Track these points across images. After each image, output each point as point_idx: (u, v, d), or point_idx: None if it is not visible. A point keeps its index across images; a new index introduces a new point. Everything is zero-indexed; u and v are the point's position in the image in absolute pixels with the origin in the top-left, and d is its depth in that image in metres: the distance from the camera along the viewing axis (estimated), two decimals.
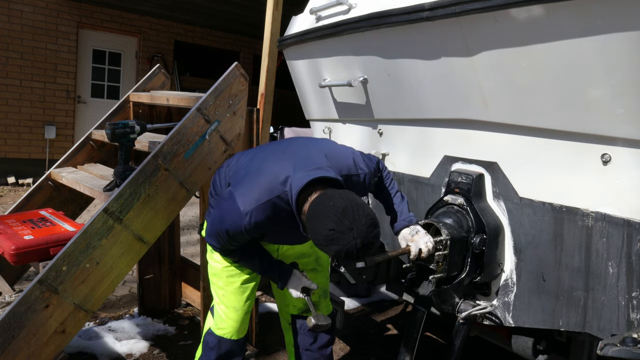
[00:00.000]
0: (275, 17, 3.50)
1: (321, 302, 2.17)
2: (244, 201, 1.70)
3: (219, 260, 2.03)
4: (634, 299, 1.57)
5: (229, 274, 2.03)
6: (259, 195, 1.70)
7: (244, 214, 1.69)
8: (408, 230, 1.96)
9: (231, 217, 1.72)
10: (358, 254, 1.54)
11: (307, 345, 2.16)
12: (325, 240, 1.54)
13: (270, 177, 1.73)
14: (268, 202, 1.69)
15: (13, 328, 1.94)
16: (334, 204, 1.54)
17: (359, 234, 1.52)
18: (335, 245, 1.53)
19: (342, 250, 1.53)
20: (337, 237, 1.51)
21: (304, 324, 2.15)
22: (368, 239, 1.54)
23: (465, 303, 2.05)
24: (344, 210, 1.53)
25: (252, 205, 1.69)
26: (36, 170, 7.61)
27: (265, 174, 1.76)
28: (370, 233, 1.54)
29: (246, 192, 1.73)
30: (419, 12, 1.90)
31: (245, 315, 2.07)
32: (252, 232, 1.75)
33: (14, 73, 7.49)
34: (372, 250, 1.60)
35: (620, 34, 1.43)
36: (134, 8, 8.28)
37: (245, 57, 10.23)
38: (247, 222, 1.70)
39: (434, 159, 2.28)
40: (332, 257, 1.70)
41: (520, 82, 1.77)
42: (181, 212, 2.90)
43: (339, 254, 1.55)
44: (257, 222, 1.70)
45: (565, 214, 1.75)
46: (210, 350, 2.05)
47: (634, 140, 1.56)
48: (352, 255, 1.54)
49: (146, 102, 3.10)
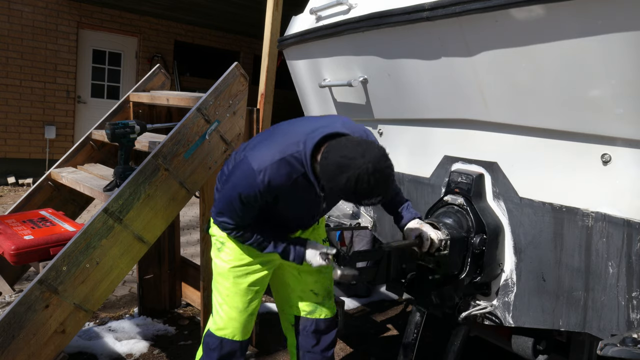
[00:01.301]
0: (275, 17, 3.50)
1: (325, 303, 2.14)
2: (258, 160, 1.72)
3: (226, 260, 1.99)
4: (634, 299, 1.57)
5: (236, 274, 1.99)
6: (272, 155, 1.72)
7: (258, 172, 1.69)
8: (415, 222, 1.97)
9: (245, 178, 1.73)
10: (369, 183, 1.51)
11: (309, 348, 2.13)
12: (337, 169, 1.53)
13: (284, 139, 1.76)
14: (282, 159, 1.70)
15: (13, 328, 1.94)
16: (347, 139, 1.59)
17: (371, 158, 1.51)
18: (346, 172, 1.51)
19: (353, 177, 1.50)
20: (348, 163, 1.51)
21: (307, 326, 2.12)
22: (380, 164, 1.53)
23: (465, 303, 2.05)
24: (357, 142, 1.57)
25: (266, 163, 1.70)
26: (36, 170, 7.61)
27: (279, 138, 1.79)
28: (382, 160, 1.54)
29: (260, 154, 1.75)
30: (419, 12, 1.90)
31: (249, 317, 2.04)
32: (265, 195, 1.73)
33: (14, 73, 7.49)
34: (385, 184, 1.55)
35: (620, 34, 1.43)
36: (134, 8, 8.27)
37: (245, 57, 10.23)
38: (261, 181, 1.69)
39: (434, 159, 2.28)
40: (342, 196, 1.62)
41: (520, 82, 1.77)
42: (181, 212, 2.90)
43: (349, 185, 1.51)
44: (270, 181, 1.70)
45: (565, 214, 1.75)
46: (212, 351, 2.02)
47: (634, 140, 1.56)
48: (364, 185, 1.51)
49: (146, 102, 3.10)
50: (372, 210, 2.70)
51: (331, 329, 2.16)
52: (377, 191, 1.55)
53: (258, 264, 2.00)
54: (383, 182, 1.55)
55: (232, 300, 2.00)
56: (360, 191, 1.54)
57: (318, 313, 2.12)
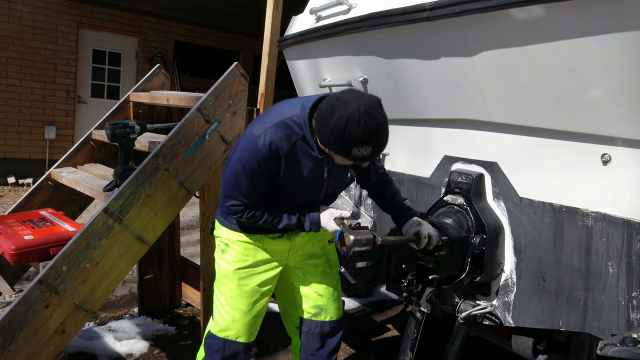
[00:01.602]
0: (275, 17, 3.49)
1: (330, 305, 2.09)
2: (258, 127, 1.76)
3: (230, 261, 1.97)
4: (634, 299, 1.57)
5: (240, 276, 1.96)
6: (271, 120, 1.77)
7: (258, 137, 1.72)
8: (413, 220, 1.97)
9: (246, 147, 1.75)
10: (359, 123, 1.52)
11: (312, 351, 2.09)
12: (329, 110, 1.57)
13: (282, 109, 1.82)
14: (281, 122, 1.74)
15: (13, 328, 1.94)
16: (343, 91, 1.64)
17: (364, 101, 1.55)
18: (338, 111, 1.54)
19: (344, 116, 1.53)
20: (340, 104, 1.55)
21: (311, 328, 2.08)
22: (373, 109, 1.55)
23: (465, 303, 2.05)
24: (353, 89, 1.62)
25: (265, 127, 1.74)
26: (36, 170, 7.61)
27: (277, 110, 1.84)
28: (376, 106, 1.57)
29: (259, 122, 1.80)
30: (419, 12, 1.89)
31: (254, 319, 2.00)
32: (268, 162, 1.73)
33: (14, 73, 7.49)
34: (377, 131, 1.56)
35: (620, 34, 1.43)
36: (134, 8, 8.27)
37: (245, 57, 10.23)
38: (262, 145, 1.71)
39: (434, 159, 2.28)
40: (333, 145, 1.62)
41: (520, 82, 1.77)
42: (181, 212, 2.90)
43: (340, 124, 1.54)
44: (271, 144, 1.71)
45: (565, 214, 1.75)
46: (215, 353, 1.99)
47: (634, 140, 1.56)
48: (354, 126, 1.52)
49: (146, 102, 3.10)
50: (372, 210, 2.70)
51: (336, 332, 2.11)
52: (368, 137, 1.56)
53: (263, 265, 1.98)
54: (375, 129, 1.56)
55: (236, 302, 1.97)
56: (350, 133, 1.54)
57: (323, 315, 2.09)
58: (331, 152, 1.68)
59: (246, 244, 1.96)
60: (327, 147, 1.67)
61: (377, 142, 1.60)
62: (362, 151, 1.58)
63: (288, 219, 1.86)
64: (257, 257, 1.97)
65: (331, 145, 1.63)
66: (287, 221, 1.86)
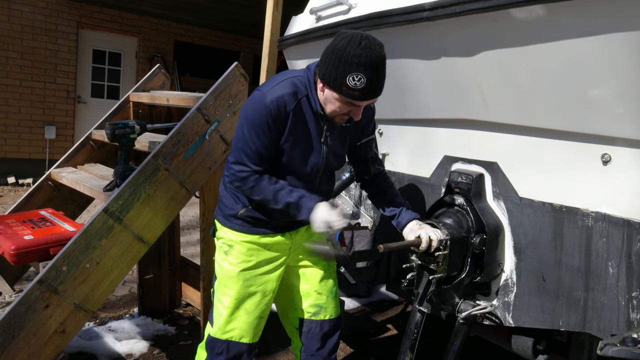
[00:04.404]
0: (275, 17, 3.49)
1: (329, 303, 2.10)
2: (265, 86, 1.82)
3: (234, 262, 1.96)
4: (634, 299, 1.57)
5: (245, 277, 1.95)
6: (276, 79, 1.83)
7: (265, 93, 1.76)
8: (414, 223, 1.97)
9: (253, 103, 1.79)
10: (360, 45, 1.59)
11: (313, 351, 2.09)
12: (331, 45, 1.67)
13: (287, 72, 1.89)
14: (287, 79, 1.80)
15: (13, 328, 1.94)
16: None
17: (365, 35, 1.63)
18: (340, 36, 1.64)
19: (346, 37, 1.62)
20: (343, 37, 1.64)
21: (312, 328, 2.08)
22: (375, 42, 1.63)
23: (465, 303, 2.05)
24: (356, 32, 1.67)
25: (272, 84, 1.80)
26: (36, 170, 7.62)
27: (282, 73, 1.89)
28: (379, 43, 1.64)
29: (266, 83, 1.85)
30: (419, 12, 1.89)
31: (257, 319, 2.00)
32: (276, 118, 1.75)
33: (14, 73, 7.50)
34: (376, 63, 1.62)
35: (620, 34, 1.43)
36: (134, 8, 8.28)
37: (245, 57, 10.24)
38: (270, 100, 1.74)
39: (434, 159, 2.28)
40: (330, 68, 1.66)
41: (520, 82, 1.77)
42: (181, 212, 2.90)
43: (341, 45, 1.62)
44: (278, 98, 1.74)
45: (565, 214, 1.75)
46: (218, 355, 1.98)
47: (634, 140, 1.56)
48: (354, 46, 1.60)
49: (146, 102, 3.10)
50: (372, 210, 2.70)
51: (336, 330, 2.12)
52: (366, 61, 1.61)
53: (267, 265, 1.98)
54: (375, 57, 1.62)
55: (239, 303, 1.96)
56: (350, 52, 1.61)
57: (323, 314, 2.09)
58: (326, 86, 1.71)
59: (249, 244, 1.96)
60: (325, 79, 1.70)
61: (373, 75, 1.64)
62: (356, 81, 1.63)
63: (289, 196, 1.81)
64: (261, 256, 1.97)
65: (328, 70, 1.67)
66: (287, 198, 1.81)
